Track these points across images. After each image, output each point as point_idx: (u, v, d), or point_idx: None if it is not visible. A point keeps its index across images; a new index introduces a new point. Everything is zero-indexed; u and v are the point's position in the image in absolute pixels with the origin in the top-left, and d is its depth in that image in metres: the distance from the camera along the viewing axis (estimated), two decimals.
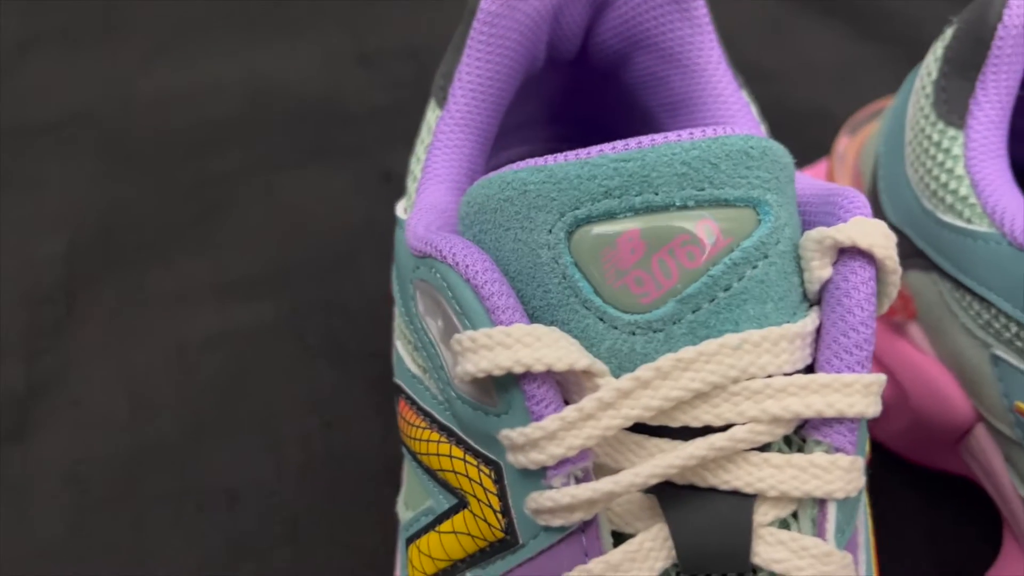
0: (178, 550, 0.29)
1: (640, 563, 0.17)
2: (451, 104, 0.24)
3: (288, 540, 0.29)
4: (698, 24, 0.25)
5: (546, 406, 0.18)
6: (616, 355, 0.18)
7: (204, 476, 0.31)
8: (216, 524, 0.30)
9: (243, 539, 0.29)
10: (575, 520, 0.18)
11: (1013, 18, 0.24)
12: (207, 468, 0.31)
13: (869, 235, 0.18)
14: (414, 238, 0.21)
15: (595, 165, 0.18)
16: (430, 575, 0.21)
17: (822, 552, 0.17)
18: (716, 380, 0.17)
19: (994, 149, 0.25)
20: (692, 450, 0.17)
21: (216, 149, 0.40)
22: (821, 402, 0.17)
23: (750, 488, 0.17)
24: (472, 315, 0.18)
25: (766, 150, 0.18)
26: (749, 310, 0.18)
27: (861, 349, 0.18)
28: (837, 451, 0.18)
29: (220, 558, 0.29)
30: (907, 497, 0.31)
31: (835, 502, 0.18)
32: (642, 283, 0.18)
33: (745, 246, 0.18)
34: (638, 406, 0.17)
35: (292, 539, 0.29)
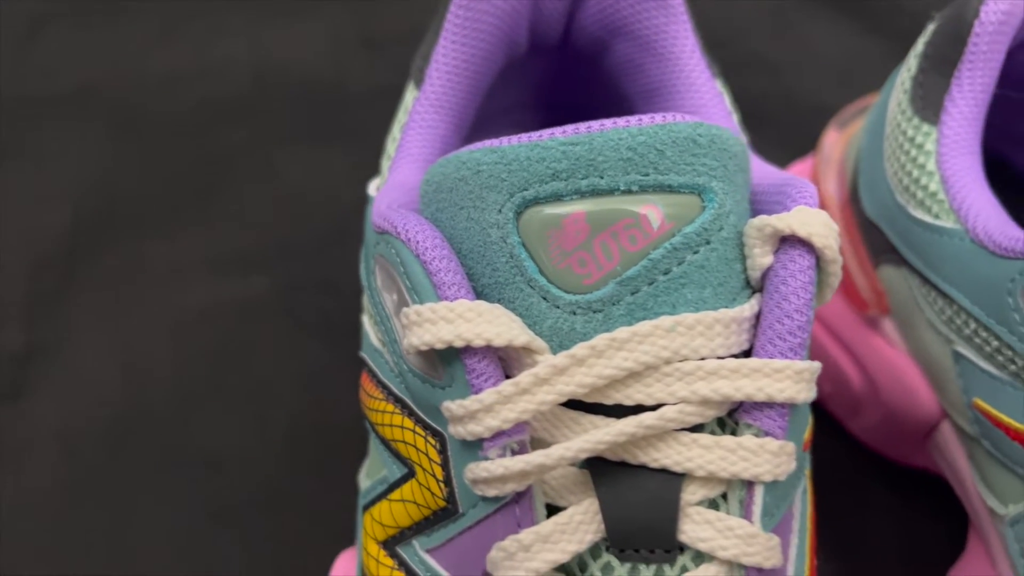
0: (159, 514, 0.30)
1: (570, 535, 0.18)
2: (427, 85, 0.25)
3: (266, 508, 0.30)
4: (673, 13, 0.25)
5: (486, 380, 0.18)
6: (557, 333, 0.18)
7: (189, 444, 0.32)
8: (197, 490, 0.31)
9: (222, 506, 0.30)
10: (509, 491, 0.18)
11: (990, 15, 0.24)
12: (193, 436, 0.32)
13: (809, 224, 0.18)
14: (376, 215, 0.21)
15: (545, 148, 0.18)
16: (381, 541, 0.21)
17: (747, 533, 0.18)
18: (648, 360, 0.18)
19: (966, 146, 0.25)
20: (622, 427, 0.18)
21: (220, 126, 0.41)
22: (751, 386, 0.18)
23: (679, 467, 0.18)
24: (420, 290, 0.19)
25: (714, 138, 0.19)
26: (687, 294, 0.18)
27: (795, 336, 0.18)
28: (767, 435, 0.18)
29: (199, 523, 0.30)
30: (879, 492, 0.31)
31: (763, 485, 0.18)
32: (585, 264, 0.18)
33: (687, 231, 0.18)
34: (572, 383, 0.18)
35: (270, 508, 0.30)
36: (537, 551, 0.18)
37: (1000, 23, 0.24)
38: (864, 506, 0.30)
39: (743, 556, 0.18)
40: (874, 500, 0.31)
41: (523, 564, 0.18)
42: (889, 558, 0.29)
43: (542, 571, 0.18)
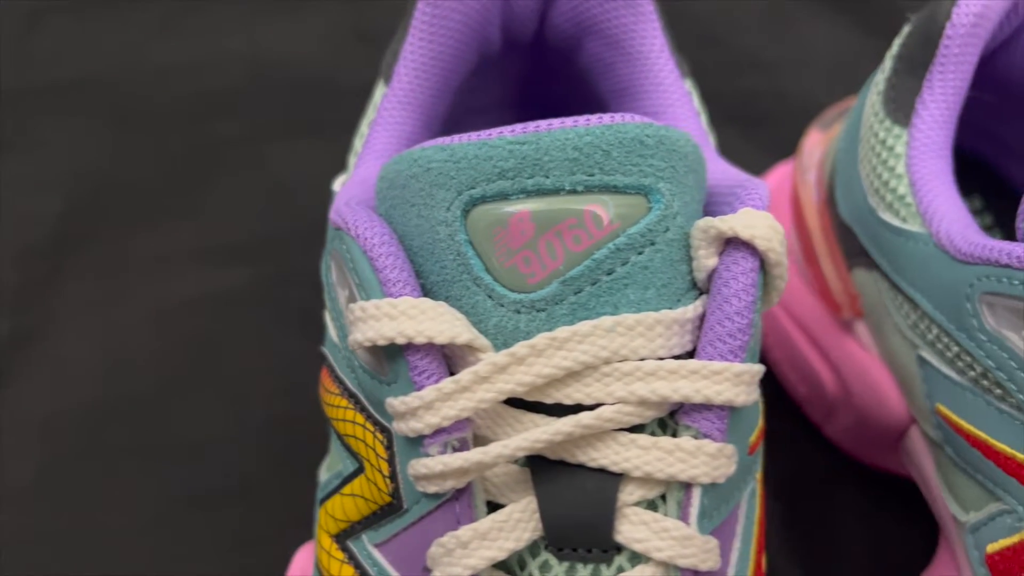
0: (136, 500, 0.31)
1: (508, 532, 0.18)
2: (395, 83, 0.25)
3: (241, 496, 0.31)
4: (641, 12, 0.25)
5: (428, 377, 0.18)
6: (502, 332, 0.18)
7: (169, 431, 0.32)
8: (174, 477, 0.31)
9: (198, 492, 0.31)
10: (448, 487, 0.18)
11: (962, 17, 0.24)
12: (173, 424, 0.32)
13: (752, 227, 0.18)
14: (333, 211, 0.21)
15: (492, 146, 0.19)
16: (333, 535, 0.22)
17: (683, 535, 0.18)
18: (588, 360, 0.18)
19: (936, 149, 0.25)
20: (559, 427, 0.18)
21: (213, 118, 0.41)
22: (689, 388, 0.18)
23: (616, 467, 0.18)
24: (367, 286, 0.19)
25: (663, 139, 0.19)
26: (630, 294, 0.18)
27: (735, 338, 0.18)
28: (705, 437, 0.18)
29: (175, 509, 0.30)
30: (851, 495, 0.31)
31: (700, 487, 0.18)
32: (530, 263, 0.18)
33: (631, 232, 0.18)
34: (512, 381, 0.18)
35: (245, 495, 0.31)
36: (475, 548, 0.18)
37: (972, 26, 0.24)
38: (836, 509, 0.30)
39: (678, 558, 0.18)
40: (846, 503, 0.30)
41: (461, 560, 0.18)
42: (859, 563, 0.29)
43: (479, 568, 0.18)
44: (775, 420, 0.32)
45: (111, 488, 0.31)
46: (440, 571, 0.18)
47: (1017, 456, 0.21)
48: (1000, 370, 0.21)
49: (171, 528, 0.30)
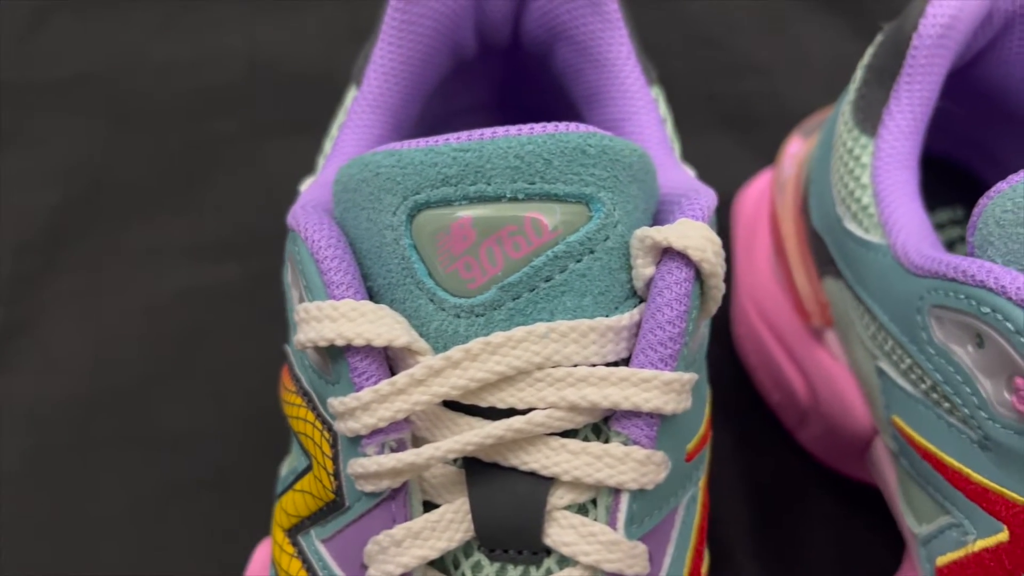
0: (116, 489, 0.31)
1: (440, 532, 0.18)
2: (364, 85, 0.25)
3: (216, 487, 0.31)
4: (609, 19, 0.25)
5: (367, 379, 0.19)
6: (442, 336, 0.19)
7: (152, 423, 0.33)
8: (154, 468, 0.32)
9: (176, 483, 0.31)
10: (384, 487, 0.19)
11: (928, 28, 0.24)
12: (155, 416, 0.33)
13: (686, 237, 0.18)
14: (291, 213, 0.22)
15: (437, 153, 0.19)
16: (286, 529, 0.22)
17: (609, 540, 0.18)
18: (521, 365, 0.18)
19: (902, 160, 0.25)
20: (490, 430, 0.18)
21: (210, 116, 0.42)
22: (618, 395, 0.18)
23: (546, 471, 0.18)
24: (313, 288, 0.19)
25: (605, 148, 0.19)
26: (567, 301, 0.19)
27: (665, 346, 0.18)
28: (634, 444, 0.18)
29: (152, 499, 0.31)
30: (821, 503, 0.31)
31: (628, 493, 0.18)
32: (471, 269, 0.19)
33: (571, 240, 0.19)
34: (447, 384, 0.18)
35: (221, 487, 0.31)
36: (408, 547, 0.18)
37: (939, 36, 0.24)
38: (806, 517, 0.30)
39: (604, 562, 0.18)
40: (817, 511, 0.30)
41: (394, 559, 0.18)
42: (827, 571, 0.29)
43: (411, 566, 0.18)
44: (750, 426, 0.33)
45: (94, 477, 0.32)
46: (375, 568, 0.19)
47: (963, 470, 0.21)
48: (947, 384, 0.21)
49: (151, 518, 0.31)
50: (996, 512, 0.20)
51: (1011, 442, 0.19)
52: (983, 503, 0.21)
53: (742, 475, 0.31)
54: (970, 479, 0.21)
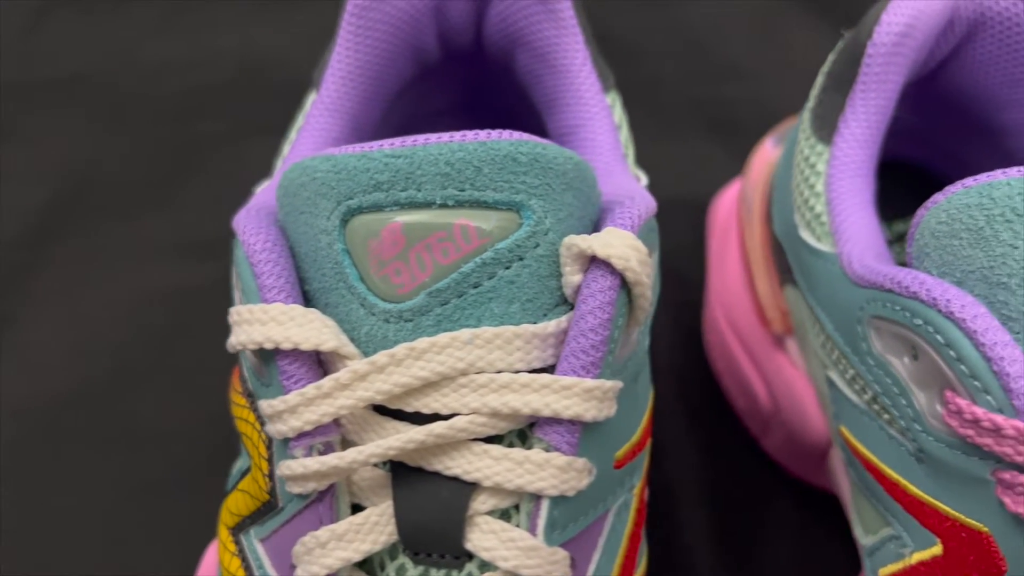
0: (88, 484, 0.32)
1: (364, 535, 0.19)
2: (322, 89, 0.26)
3: (186, 485, 0.32)
4: (564, 26, 0.25)
5: (296, 382, 0.19)
6: (373, 340, 0.19)
7: (127, 420, 0.33)
8: (126, 463, 0.32)
9: (147, 479, 0.32)
10: (311, 489, 0.19)
11: (882, 36, 0.24)
12: (131, 413, 0.33)
13: (609, 246, 0.18)
14: (236, 216, 0.22)
15: (370, 159, 0.19)
16: (230, 528, 0.22)
17: (528, 545, 0.18)
18: (444, 371, 0.18)
19: (856, 168, 0.24)
20: (412, 435, 0.18)
21: (200, 116, 0.42)
22: (539, 401, 0.18)
23: (469, 476, 0.18)
24: (247, 290, 0.20)
25: (537, 156, 0.19)
26: (494, 308, 0.19)
27: (588, 354, 0.18)
28: (555, 450, 0.18)
29: (123, 494, 0.32)
30: (784, 510, 0.30)
31: (549, 499, 0.18)
32: (400, 274, 0.19)
33: (499, 247, 0.19)
34: (371, 389, 0.18)
35: (191, 484, 0.32)
36: (332, 548, 0.19)
37: (894, 45, 0.24)
38: (767, 524, 0.30)
39: (522, 568, 0.18)
40: (778, 518, 0.30)
41: (318, 560, 0.19)
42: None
43: (335, 567, 0.19)
44: (717, 432, 0.32)
45: (64, 473, 0.32)
46: (302, 569, 0.19)
47: (901, 482, 0.21)
48: (885, 395, 0.21)
49: (121, 514, 0.31)
50: (931, 525, 0.20)
51: (943, 456, 0.19)
52: (919, 516, 0.20)
53: (706, 481, 0.31)
54: (907, 491, 0.21)
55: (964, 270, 0.19)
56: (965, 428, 0.18)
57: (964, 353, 0.18)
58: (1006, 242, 0.19)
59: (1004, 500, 0.18)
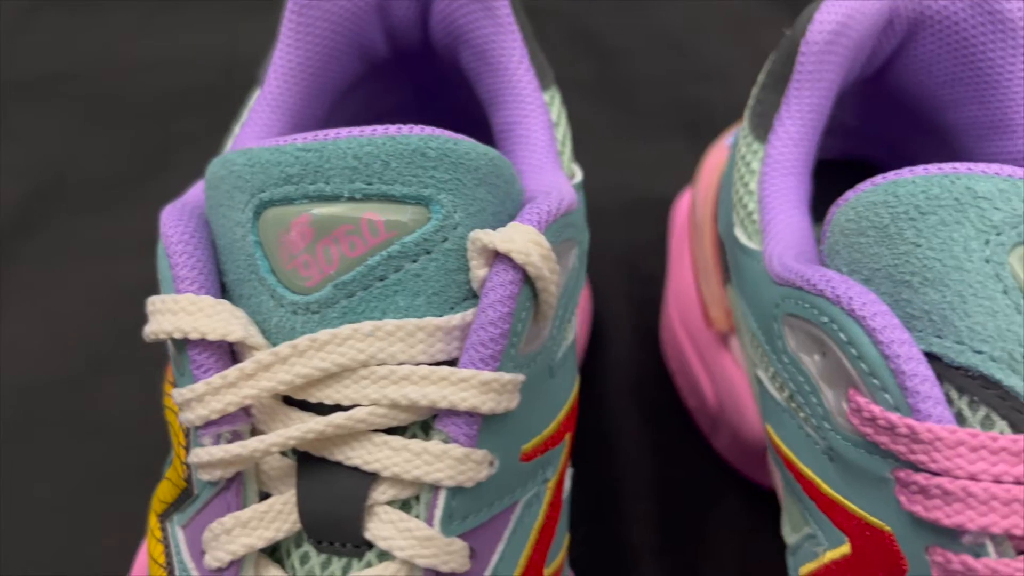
0: (56, 473, 0.32)
1: (268, 523, 0.19)
2: (265, 86, 0.26)
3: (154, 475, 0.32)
4: (501, 23, 0.25)
5: (205, 371, 0.19)
6: (281, 331, 0.19)
7: (96, 410, 0.34)
8: (94, 453, 0.33)
9: (113, 468, 0.33)
10: (217, 476, 0.19)
11: (815, 35, 0.24)
12: (101, 403, 0.34)
13: (511, 241, 0.18)
14: (162, 211, 0.22)
15: (282, 152, 0.19)
16: (158, 515, 0.23)
17: (424, 535, 0.18)
18: (345, 363, 0.18)
19: (789, 167, 0.24)
20: (312, 425, 0.18)
21: (179, 115, 0.43)
22: (437, 393, 0.18)
23: (368, 467, 0.18)
24: (164, 281, 0.20)
25: (447, 151, 0.19)
26: (399, 301, 0.19)
27: (487, 347, 0.18)
28: (453, 442, 0.19)
29: (90, 483, 0.32)
30: (732, 509, 0.30)
31: (446, 490, 0.18)
32: (309, 267, 0.19)
33: (406, 241, 0.19)
34: (275, 379, 0.19)
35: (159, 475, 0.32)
36: (236, 535, 0.19)
37: (827, 43, 0.24)
38: (713, 522, 0.30)
39: (417, 557, 0.18)
40: (725, 517, 0.30)
41: (224, 546, 0.19)
42: None
43: (240, 553, 0.19)
44: (670, 430, 0.33)
45: (34, 462, 0.33)
46: (210, 554, 0.19)
47: (815, 480, 0.21)
48: (799, 393, 0.21)
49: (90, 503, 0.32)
50: (841, 524, 0.20)
51: (849, 454, 0.19)
52: (831, 514, 0.20)
53: (656, 478, 0.31)
54: (820, 489, 0.21)
55: (871, 268, 0.19)
56: (865, 426, 0.18)
57: (864, 351, 0.18)
58: (909, 240, 0.18)
59: (900, 499, 0.18)
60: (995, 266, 0.18)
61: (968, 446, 0.17)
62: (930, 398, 0.17)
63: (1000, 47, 0.24)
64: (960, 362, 0.18)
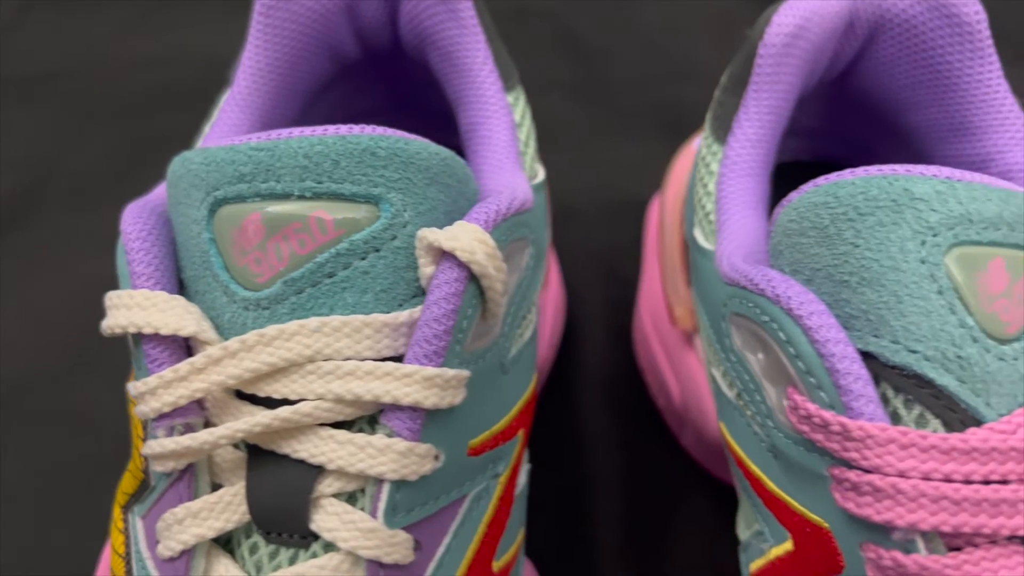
0: (28, 467, 0.33)
1: (219, 513, 0.19)
2: (234, 86, 0.27)
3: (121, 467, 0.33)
4: (465, 25, 0.26)
5: (159, 365, 0.20)
6: (234, 327, 0.20)
7: (70, 403, 0.34)
8: (64, 445, 0.33)
9: (81, 460, 0.33)
10: (170, 468, 0.20)
11: (772, 37, 0.24)
12: (76, 396, 0.35)
13: (455, 239, 0.19)
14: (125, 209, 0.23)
15: (236, 151, 0.20)
16: (122, 506, 0.23)
17: (367, 527, 0.19)
18: (292, 358, 0.19)
19: (747, 169, 0.25)
20: (259, 418, 0.19)
21: (164, 112, 0.43)
22: (381, 388, 0.19)
23: (314, 460, 0.19)
24: (122, 277, 0.20)
25: (397, 151, 0.20)
26: (347, 297, 0.19)
27: (431, 343, 0.19)
28: (397, 436, 0.19)
29: (60, 475, 0.33)
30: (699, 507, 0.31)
31: (390, 483, 0.19)
32: (260, 263, 0.20)
33: (355, 239, 0.19)
34: (224, 373, 0.19)
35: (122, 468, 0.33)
36: (188, 525, 0.19)
37: (784, 46, 0.24)
38: (680, 521, 0.30)
39: (360, 548, 0.18)
40: (691, 515, 0.31)
41: (176, 536, 0.19)
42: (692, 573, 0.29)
43: (190, 543, 0.19)
44: (640, 428, 0.33)
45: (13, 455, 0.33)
46: (163, 544, 0.20)
47: (762, 477, 0.21)
48: (745, 391, 0.21)
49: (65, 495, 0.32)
50: (784, 520, 0.20)
51: (790, 452, 0.20)
52: (775, 511, 0.21)
53: (624, 475, 0.31)
54: (766, 486, 0.21)
55: (812, 268, 0.19)
56: (802, 423, 0.19)
57: (801, 349, 0.18)
58: (848, 241, 0.19)
59: (835, 496, 0.18)
60: (930, 267, 0.18)
61: (898, 444, 0.17)
62: (863, 396, 0.18)
63: (958, 50, 0.25)
64: (896, 361, 0.18)
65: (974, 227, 0.18)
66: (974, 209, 0.18)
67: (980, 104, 0.25)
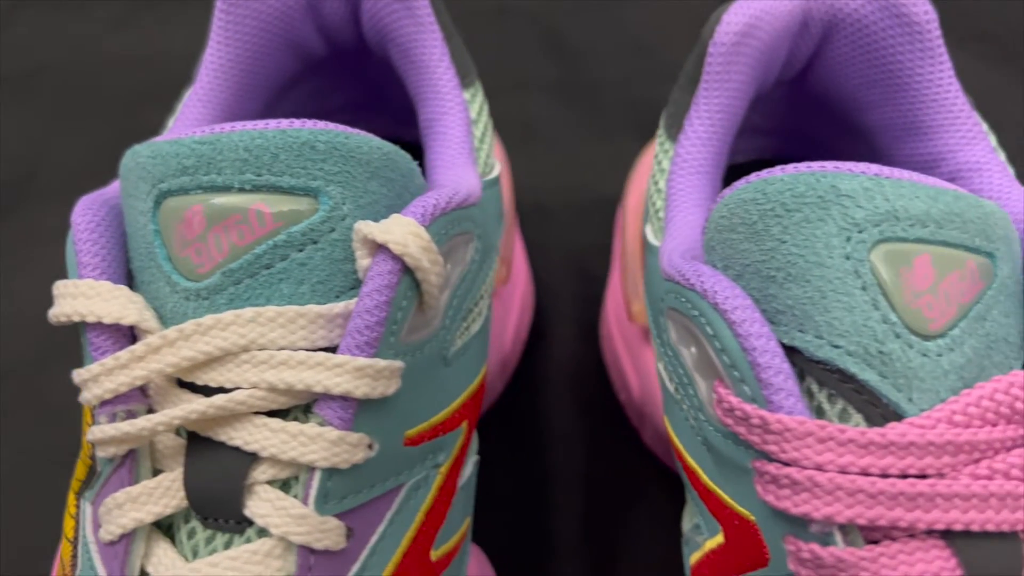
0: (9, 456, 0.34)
1: (158, 498, 0.20)
2: (196, 83, 0.27)
3: None
4: (421, 22, 0.26)
5: (102, 353, 0.20)
6: (175, 316, 0.20)
7: (46, 395, 0.35)
8: (39, 439, 0.34)
9: (55, 454, 0.33)
10: (112, 453, 0.20)
11: (722, 36, 0.24)
12: (52, 389, 0.35)
13: (388, 232, 0.19)
14: None
15: (180, 145, 0.20)
16: (76, 492, 0.24)
17: (298, 514, 0.19)
18: (227, 347, 0.19)
19: (696, 167, 0.25)
20: (195, 406, 0.19)
21: (149, 110, 0.44)
22: (312, 378, 0.19)
23: (248, 447, 0.19)
24: (70, 267, 0.21)
25: (337, 145, 0.20)
26: (284, 288, 0.20)
27: (362, 334, 0.19)
28: (328, 425, 0.19)
29: (32, 468, 0.33)
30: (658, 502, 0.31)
31: (321, 471, 0.19)
32: (200, 254, 0.20)
33: (293, 231, 0.20)
34: (163, 361, 0.19)
35: None
36: (127, 509, 0.20)
37: (734, 44, 0.24)
38: (640, 516, 0.31)
39: (292, 534, 0.19)
40: (651, 510, 0.31)
41: (116, 520, 0.20)
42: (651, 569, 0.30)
43: (129, 527, 0.20)
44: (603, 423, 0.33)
45: None
46: (104, 528, 0.20)
47: (697, 470, 0.21)
48: (680, 385, 0.21)
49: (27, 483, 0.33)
50: (716, 513, 0.21)
51: (719, 444, 0.20)
52: (708, 503, 0.21)
53: (585, 469, 0.32)
54: (700, 479, 0.21)
55: (742, 264, 0.20)
56: (727, 416, 0.19)
57: (726, 343, 0.19)
58: (775, 237, 0.19)
59: (757, 488, 0.18)
60: (855, 263, 0.18)
61: (816, 437, 0.18)
62: (783, 390, 0.18)
63: (909, 50, 0.25)
64: (820, 356, 0.18)
65: (900, 224, 0.19)
66: (901, 206, 0.19)
67: (931, 103, 0.25)
